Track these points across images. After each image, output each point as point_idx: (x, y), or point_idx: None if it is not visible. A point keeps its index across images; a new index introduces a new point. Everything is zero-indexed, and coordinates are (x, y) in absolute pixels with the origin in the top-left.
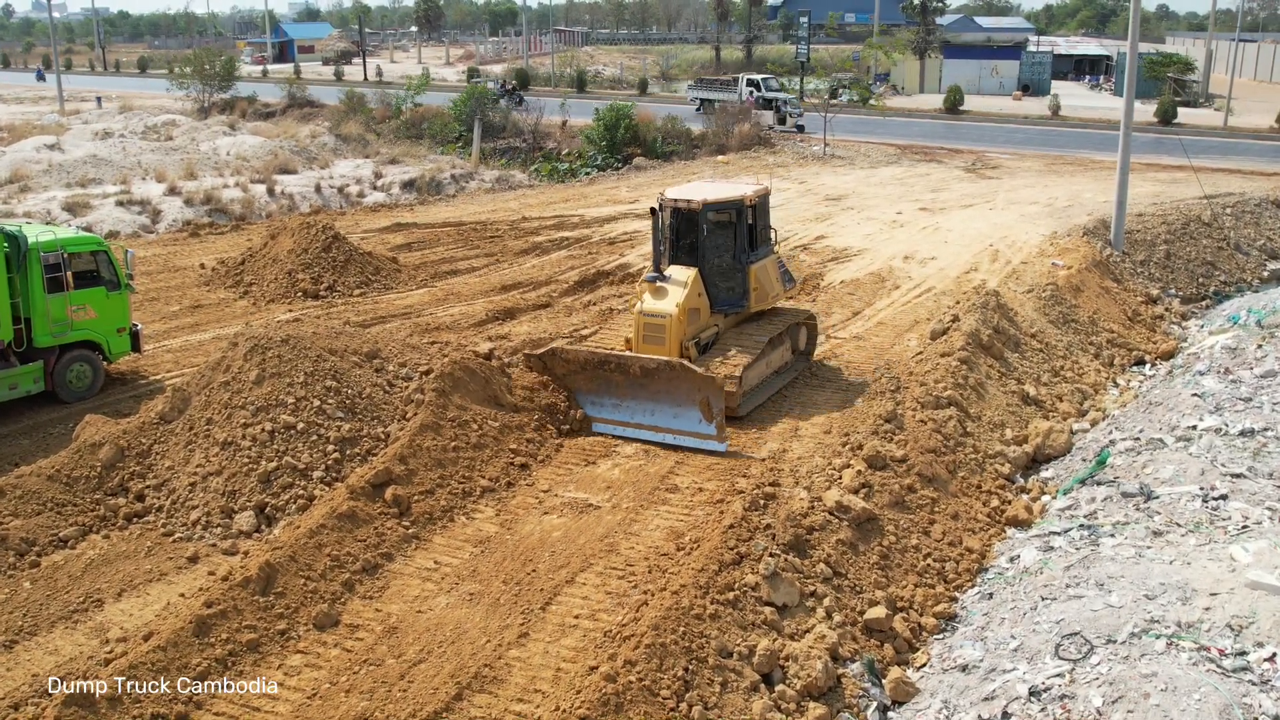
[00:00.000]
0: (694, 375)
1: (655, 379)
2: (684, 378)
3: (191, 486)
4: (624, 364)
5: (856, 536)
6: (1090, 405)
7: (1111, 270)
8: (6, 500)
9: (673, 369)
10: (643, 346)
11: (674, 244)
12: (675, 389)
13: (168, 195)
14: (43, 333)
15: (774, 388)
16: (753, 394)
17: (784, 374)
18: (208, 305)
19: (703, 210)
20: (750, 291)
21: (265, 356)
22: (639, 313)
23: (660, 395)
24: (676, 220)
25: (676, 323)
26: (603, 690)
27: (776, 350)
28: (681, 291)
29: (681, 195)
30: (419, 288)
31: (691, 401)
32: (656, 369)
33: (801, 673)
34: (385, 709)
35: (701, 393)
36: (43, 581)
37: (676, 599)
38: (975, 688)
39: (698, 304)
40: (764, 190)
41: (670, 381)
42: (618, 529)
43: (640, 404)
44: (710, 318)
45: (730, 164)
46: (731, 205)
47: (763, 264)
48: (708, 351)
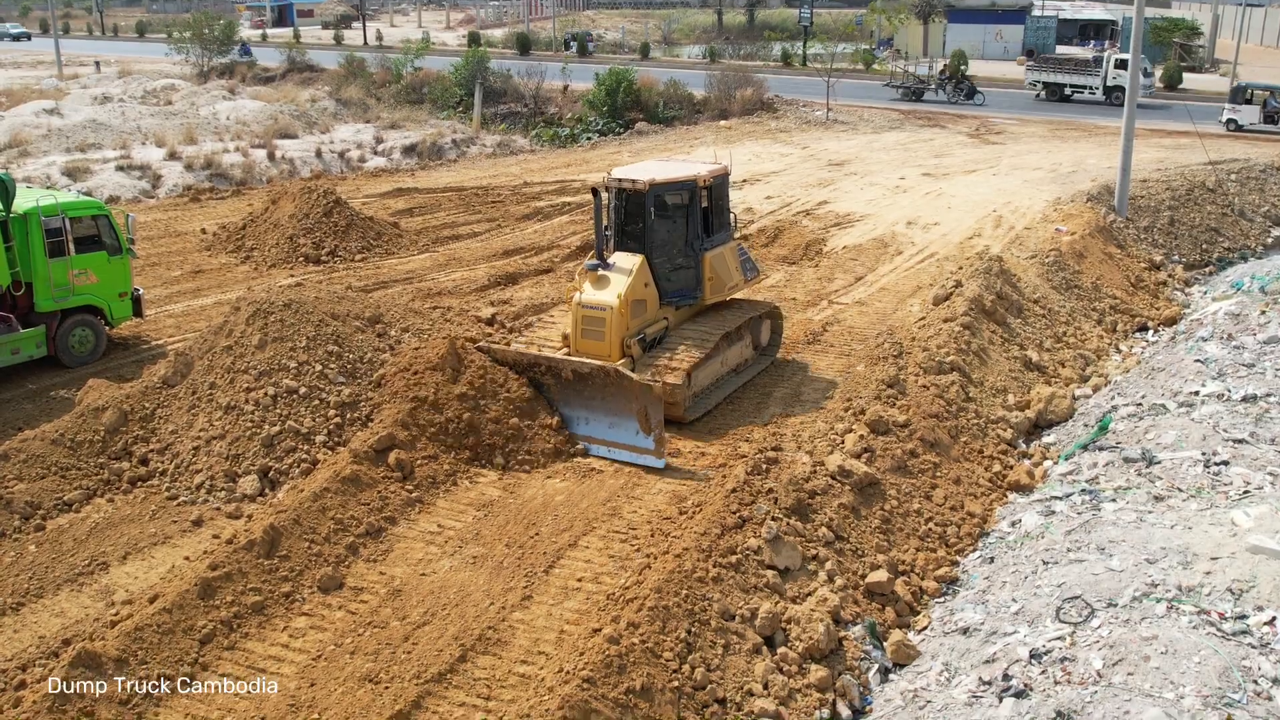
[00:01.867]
0: (629, 382)
1: (589, 385)
2: (619, 384)
3: (195, 450)
4: (554, 367)
5: (858, 501)
6: (1093, 371)
7: (1115, 236)
8: (11, 464)
9: (606, 375)
10: (581, 342)
11: (620, 229)
12: (610, 397)
13: (168, 160)
14: (44, 297)
15: (730, 388)
16: (704, 396)
17: (743, 372)
18: (209, 270)
19: (649, 191)
20: (704, 282)
21: (268, 321)
22: (577, 304)
23: (594, 403)
24: (621, 202)
25: (618, 316)
26: (606, 652)
27: (734, 346)
28: (625, 281)
29: (627, 175)
30: (420, 253)
31: (628, 411)
32: (589, 374)
33: (803, 635)
34: (390, 670)
35: (638, 401)
36: (48, 545)
37: (679, 562)
38: (976, 650)
39: (643, 295)
40: (721, 170)
41: (604, 388)
42: (620, 493)
43: (574, 411)
44: (659, 310)
45: (733, 129)
46: (683, 186)
47: (719, 251)
48: (654, 348)
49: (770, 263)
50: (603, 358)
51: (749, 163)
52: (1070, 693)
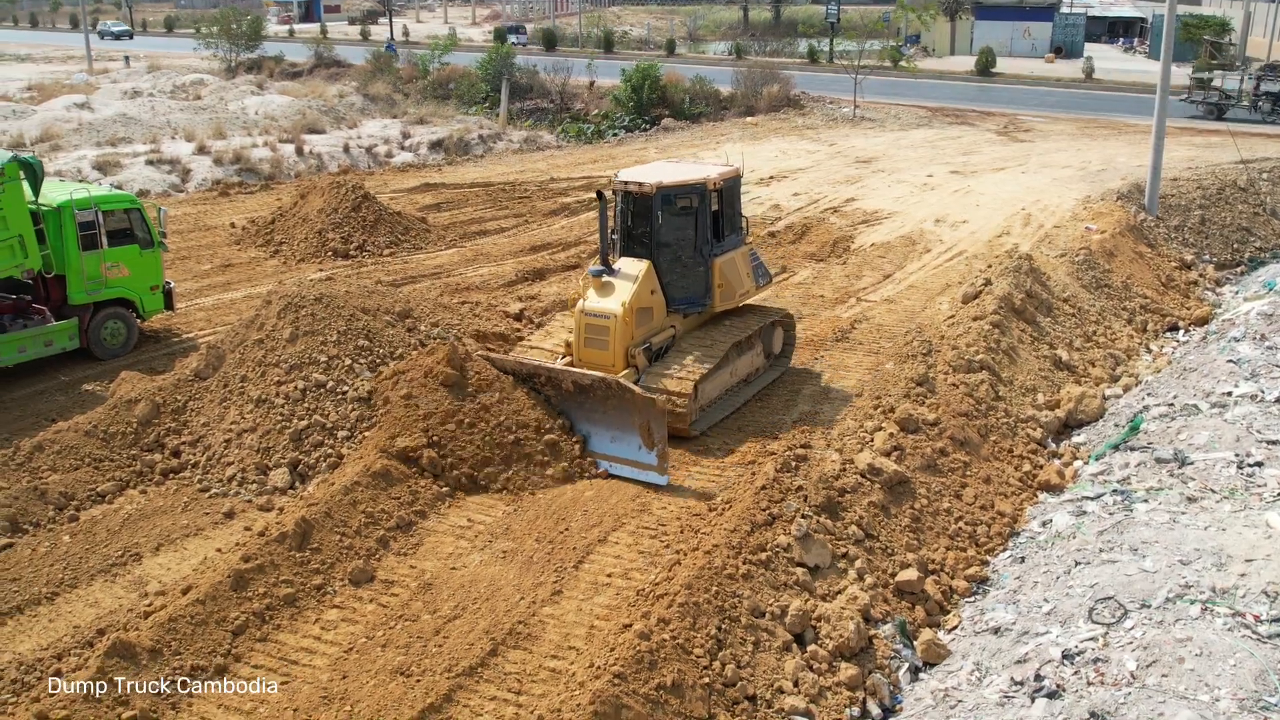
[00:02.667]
0: (632, 395)
1: (591, 397)
2: (621, 397)
3: (226, 443)
4: (555, 378)
5: (888, 499)
6: (1123, 371)
7: (1145, 235)
8: (45, 455)
9: (608, 386)
10: (584, 351)
11: (626, 233)
12: (612, 410)
13: (197, 154)
14: (77, 290)
15: (741, 399)
16: (712, 409)
17: (754, 382)
18: (238, 264)
19: (656, 194)
20: (714, 289)
21: (299, 315)
22: (580, 311)
23: (596, 416)
24: (628, 205)
25: (622, 324)
26: (636, 648)
27: (744, 356)
28: (630, 288)
29: (634, 177)
30: (448, 248)
31: (630, 425)
32: (591, 386)
33: (834, 633)
34: (421, 663)
35: (641, 416)
36: (82, 535)
37: (709, 558)
38: (1007, 650)
39: (650, 303)
40: (733, 172)
41: (606, 400)
42: (650, 489)
43: (577, 424)
44: (666, 318)
45: (759, 125)
46: (693, 189)
47: (729, 257)
48: (661, 358)
49: (798, 260)
50: (606, 368)
51: (776, 159)
52: (1104, 694)
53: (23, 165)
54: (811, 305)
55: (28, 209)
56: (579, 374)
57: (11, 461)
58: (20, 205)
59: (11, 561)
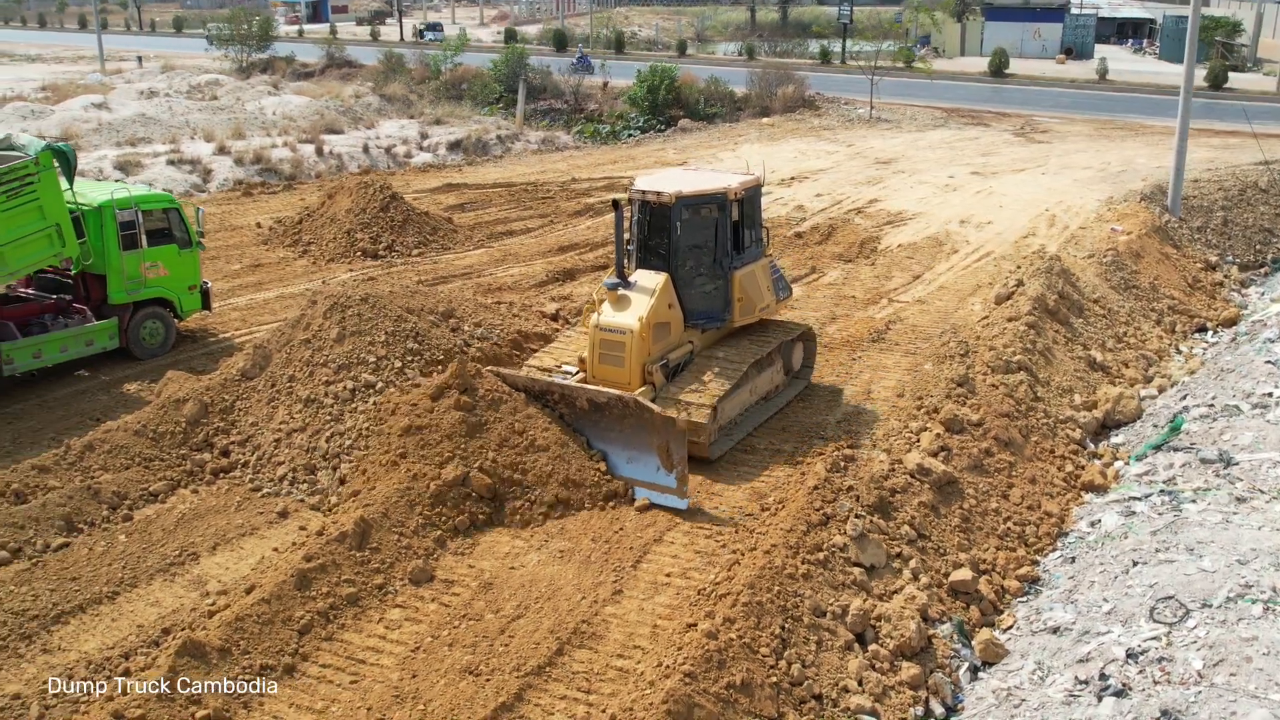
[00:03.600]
0: (650, 415)
1: (607, 415)
2: (639, 417)
3: (276, 443)
4: (569, 396)
5: (937, 499)
6: (1155, 372)
7: (1170, 236)
8: (96, 454)
9: (625, 405)
10: (599, 368)
11: (642, 244)
12: (629, 429)
13: (217, 155)
14: (117, 289)
15: (759, 419)
16: (731, 429)
17: (774, 400)
18: (268, 264)
19: (676, 204)
20: (733, 303)
21: (345, 315)
22: (595, 326)
23: (612, 436)
24: (646, 216)
25: (638, 340)
26: (705, 647)
27: (764, 373)
28: (647, 301)
29: (652, 186)
30: (476, 248)
31: (648, 445)
32: (607, 404)
33: (895, 633)
34: (489, 663)
35: (660, 436)
36: (137, 535)
37: (769, 558)
38: (1069, 649)
39: (667, 317)
40: (754, 181)
41: (623, 420)
42: (700, 489)
43: (593, 443)
44: (683, 334)
45: (776, 126)
46: (712, 199)
47: (750, 270)
48: (678, 375)
49: (826, 260)
50: (622, 385)
51: (795, 160)
52: (1173, 693)
53: (56, 154)
54: (844, 306)
55: (64, 198)
56: (594, 391)
57: (63, 461)
58: (56, 194)
59: (70, 561)
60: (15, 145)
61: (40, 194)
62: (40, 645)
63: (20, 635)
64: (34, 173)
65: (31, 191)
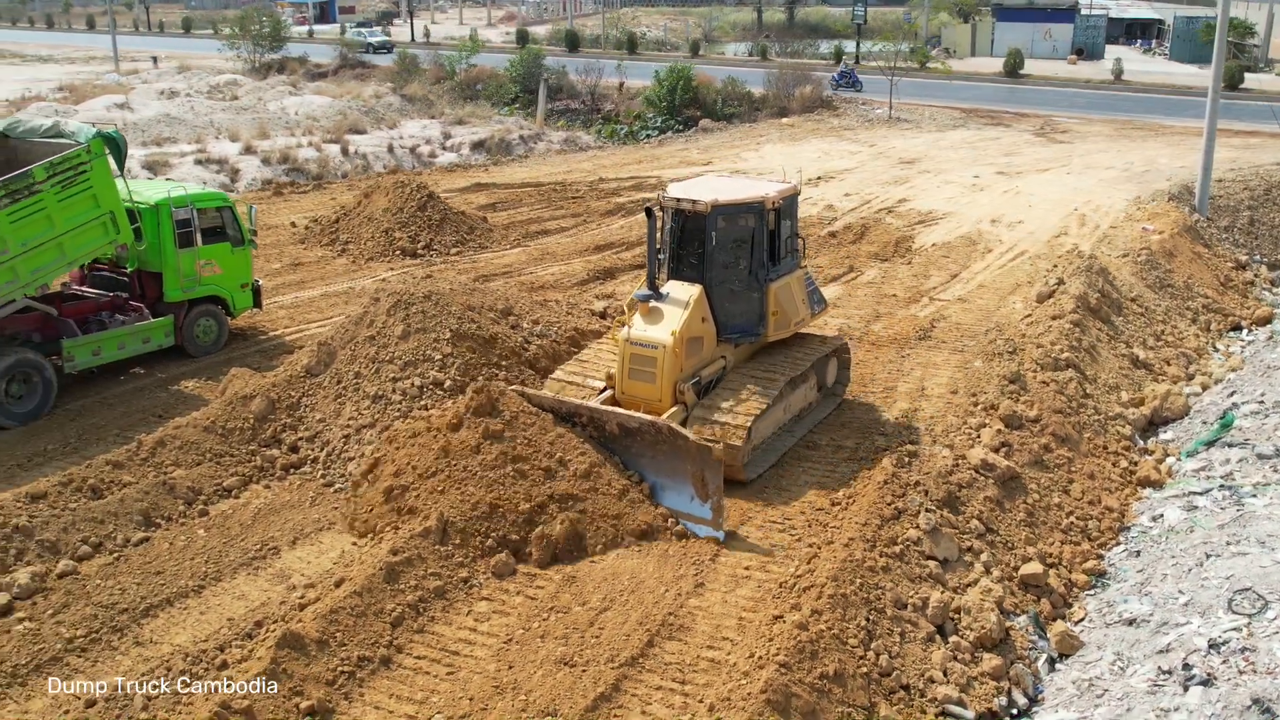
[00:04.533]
0: (685, 443)
1: (637, 441)
2: (672, 443)
3: (345, 439)
4: (597, 419)
5: (1002, 494)
6: (1196, 369)
7: (1201, 235)
8: (168, 450)
9: (658, 431)
10: (628, 384)
11: (675, 254)
12: (662, 455)
13: (244, 154)
14: (173, 287)
15: (793, 439)
16: (764, 450)
17: (807, 418)
18: (307, 263)
19: (712, 214)
20: (768, 316)
21: (409, 312)
22: (625, 340)
23: (644, 461)
24: (679, 225)
25: (671, 356)
26: (797, 638)
27: (798, 390)
28: (680, 315)
29: (687, 194)
30: (512, 247)
31: (682, 474)
32: (639, 430)
33: (975, 624)
34: (583, 654)
35: (695, 465)
36: (216, 530)
37: (849, 551)
38: (1147, 641)
39: (700, 331)
40: (791, 190)
41: (655, 446)
42: (768, 484)
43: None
44: (716, 348)
45: (796, 126)
46: (749, 208)
47: (785, 282)
48: (710, 393)
49: (862, 259)
50: (652, 403)
51: (819, 160)
52: (1262, 682)
53: (107, 140)
54: (886, 304)
55: (116, 184)
56: (625, 415)
57: (136, 457)
58: (108, 181)
59: (151, 555)
60: (64, 132)
61: (93, 182)
62: (132, 638)
63: (111, 628)
64: (86, 161)
65: (85, 180)
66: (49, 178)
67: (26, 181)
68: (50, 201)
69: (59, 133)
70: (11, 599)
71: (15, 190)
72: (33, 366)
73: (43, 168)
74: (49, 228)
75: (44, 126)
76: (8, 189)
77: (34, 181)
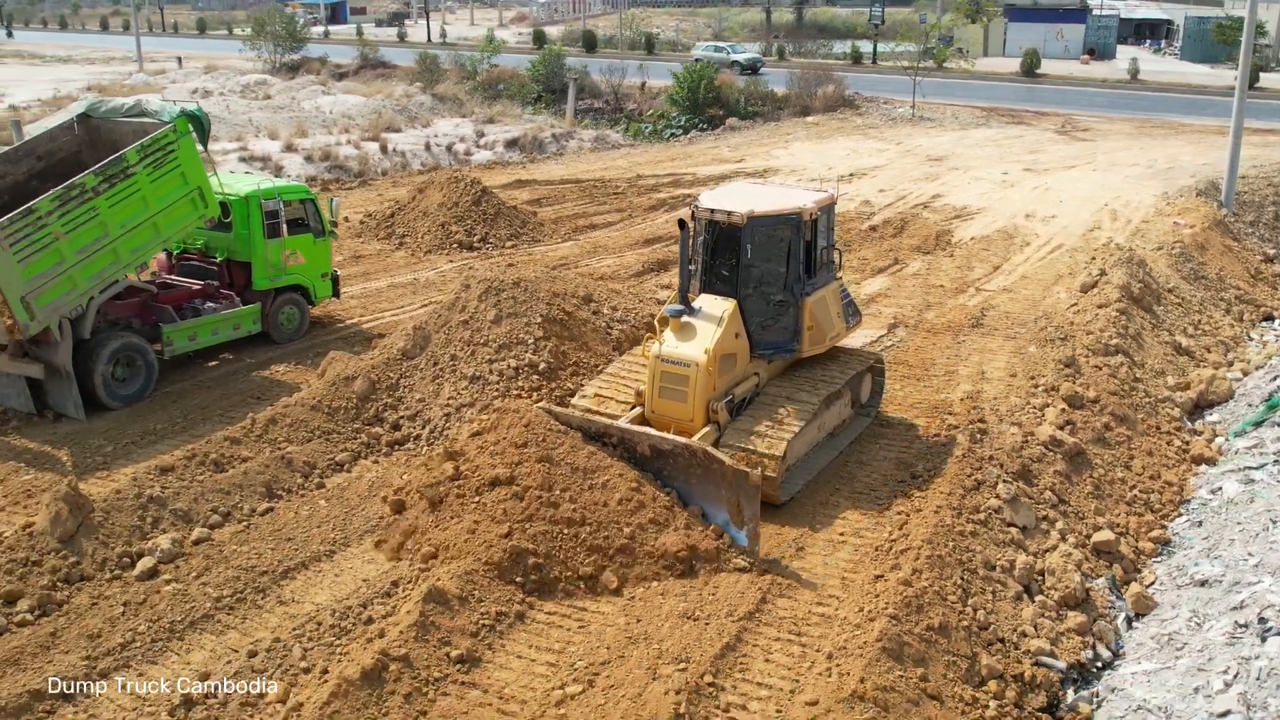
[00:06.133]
0: (721, 467)
1: (670, 463)
2: (706, 467)
3: (446, 416)
4: (628, 440)
5: (1070, 469)
6: (1234, 357)
7: (1230, 230)
8: (279, 427)
9: (692, 455)
10: (658, 402)
11: (708, 266)
12: (694, 479)
13: (285, 152)
14: (261, 276)
15: (826, 458)
16: (799, 469)
17: (840, 436)
18: (368, 256)
19: (748, 225)
20: (803, 331)
21: (500, 298)
22: (656, 357)
23: (676, 483)
24: (713, 236)
25: (704, 374)
26: (903, 594)
27: (833, 407)
28: (714, 331)
29: (721, 204)
30: (564, 241)
31: (716, 499)
32: (672, 452)
33: (1059, 585)
34: (704, 609)
35: (731, 490)
36: (336, 500)
37: (938, 517)
38: (1220, 599)
39: (734, 348)
40: (828, 200)
41: (688, 469)
42: (850, 459)
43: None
44: (749, 365)
45: (821, 125)
46: (787, 219)
47: (821, 295)
48: (743, 411)
49: (905, 252)
50: (683, 422)
51: (848, 157)
52: None
53: (190, 118)
54: (935, 294)
55: (200, 160)
56: (658, 437)
57: (250, 434)
58: (194, 158)
59: (279, 523)
60: (147, 111)
61: (181, 160)
62: (275, 597)
63: (255, 589)
64: (173, 140)
65: (174, 159)
66: (141, 160)
67: (121, 166)
68: (144, 183)
69: (141, 111)
70: (156, 563)
71: (112, 175)
72: (137, 350)
73: (135, 151)
74: (144, 208)
75: (126, 106)
76: (105, 174)
77: (128, 165)
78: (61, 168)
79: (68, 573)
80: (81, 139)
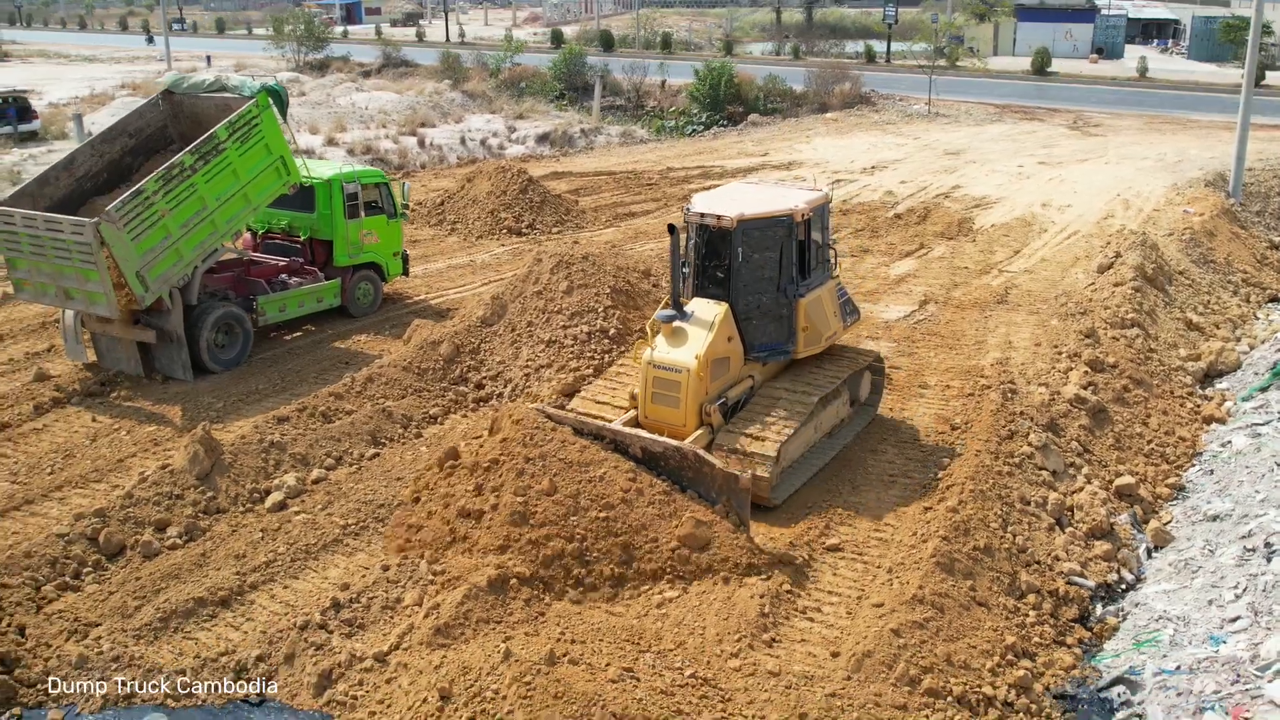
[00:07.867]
0: (712, 471)
1: (660, 465)
2: (697, 469)
3: (526, 376)
4: (621, 443)
5: (1093, 424)
6: (1241, 333)
7: (1237, 218)
8: (376, 385)
9: (683, 457)
10: (651, 408)
11: (700, 270)
12: (686, 481)
13: (327, 146)
14: (342, 254)
15: (823, 459)
16: (793, 471)
17: (838, 436)
18: (422, 240)
19: (737, 229)
20: (797, 333)
21: (571, 270)
22: (647, 363)
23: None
24: (703, 240)
25: (695, 379)
26: (951, 519)
27: (829, 407)
28: (705, 336)
29: (711, 207)
30: (606, 227)
31: (707, 500)
32: (663, 454)
33: (1087, 518)
34: (773, 534)
35: (722, 493)
36: (435, 447)
37: (978, 460)
38: (1230, 530)
39: (726, 352)
40: (821, 199)
41: (680, 471)
42: (893, 411)
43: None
44: (743, 368)
45: (839, 121)
46: (778, 222)
47: (816, 296)
48: (737, 413)
49: (930, 238)
50: (676, 427)
51: (869, 152)
52: None
53: (270, 92)
54: (960, 275)
55: (282, 131)
56: (649, 440)
57: (351, 390)
58: (276, 129)
59: (388, 465)
60: (228, 86)
61: (264, 132)
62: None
63: (375, 519)
64: (257, 114)
65: (258, 132)
66: (230, 135)
67: (213, 143)
68: (234, 156)
69: (222, 87)
70: (284, 497)
71: (205, 152)
72: (235, 319)
73: (224, 127)
74: (235, 180)
75: (207, 82)
76: (199, 152)
77: (219, 141)
78: (150, 142)
79: (206, 505)
80: (166, 113)
